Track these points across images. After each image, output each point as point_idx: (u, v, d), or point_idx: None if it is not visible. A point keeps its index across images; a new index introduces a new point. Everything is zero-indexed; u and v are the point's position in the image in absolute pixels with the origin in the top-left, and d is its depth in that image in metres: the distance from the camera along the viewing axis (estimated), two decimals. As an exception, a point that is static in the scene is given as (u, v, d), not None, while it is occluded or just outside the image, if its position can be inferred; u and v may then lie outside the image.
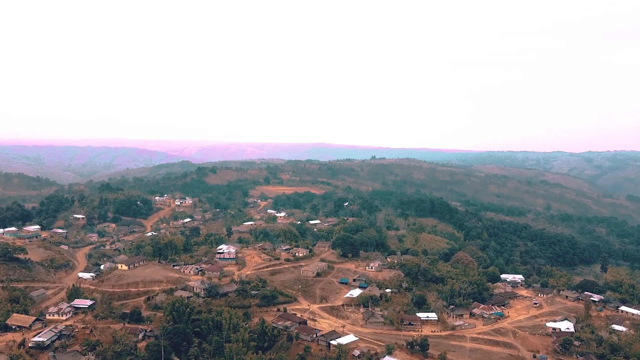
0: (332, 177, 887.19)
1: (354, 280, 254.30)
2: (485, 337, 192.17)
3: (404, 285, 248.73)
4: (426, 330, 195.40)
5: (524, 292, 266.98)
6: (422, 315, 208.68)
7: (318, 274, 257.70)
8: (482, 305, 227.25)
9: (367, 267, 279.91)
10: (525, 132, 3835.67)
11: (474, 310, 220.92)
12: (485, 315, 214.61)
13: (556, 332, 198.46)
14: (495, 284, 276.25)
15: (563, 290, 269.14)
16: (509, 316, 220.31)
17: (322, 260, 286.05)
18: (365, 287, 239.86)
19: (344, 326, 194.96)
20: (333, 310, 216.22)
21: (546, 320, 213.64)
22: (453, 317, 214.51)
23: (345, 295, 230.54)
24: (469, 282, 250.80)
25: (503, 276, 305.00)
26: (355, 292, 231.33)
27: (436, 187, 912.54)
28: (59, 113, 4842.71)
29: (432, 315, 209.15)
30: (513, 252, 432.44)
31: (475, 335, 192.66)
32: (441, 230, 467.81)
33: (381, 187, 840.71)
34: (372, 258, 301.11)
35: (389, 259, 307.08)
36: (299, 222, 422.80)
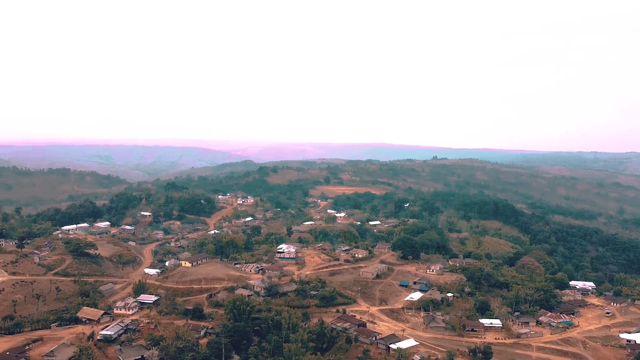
0: (393, 178, 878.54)
1: (415, 283, 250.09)
2: (553, 346, 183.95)
3: (467, 289, 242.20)
4: (489, 338, 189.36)
5: (594, 301, 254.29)
6: (485, 321, 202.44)
7: (378, 276, 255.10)
8: (550, 313, 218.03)
9: (428, 270, 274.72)
10: (595, 132, 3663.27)
11: (540, 318, 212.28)
12: (552, 324, 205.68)
13: (631, 344, 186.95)
14: (563, 291, 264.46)
15: (638, 299, 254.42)
16: (578, 325, 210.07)
17: (382, 261, 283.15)
18: (425, 291, 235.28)
19: (404, 330, 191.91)
20: (393, 313, 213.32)
21: (619, 331, 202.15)
22: (518, 324, 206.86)
23: (406, 298, 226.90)
24: (536, 288, 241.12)
25: (572, 283, 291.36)
26: (416, 296, 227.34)
27: (500, 189, 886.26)
28: (130, 115, 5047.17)
29: (496, 322, 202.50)
30: (583, 258, 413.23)
31: (541, 345, 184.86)
32: (505, 234, 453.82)
33: (443, 188, 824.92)
34: (433, 261, 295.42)
35: (450, 262, 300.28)
36: (358, 223, 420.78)
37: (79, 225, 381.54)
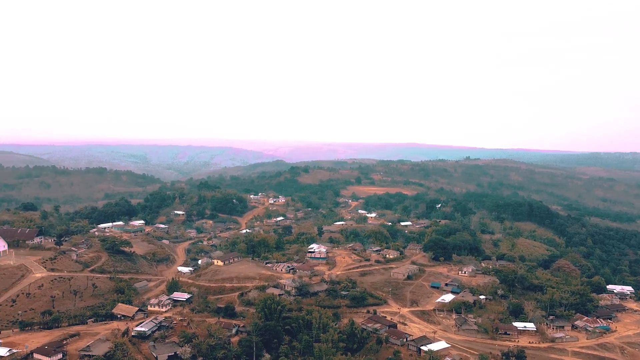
0: (425, 178, 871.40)
1: (446, 284, 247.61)
2: (589, 352, 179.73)
3: (499, 292, 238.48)
4: (523, 341, 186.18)
5: (633, 305, 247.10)
6: (519, 324, 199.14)
7: (409, 277, 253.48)
8: (586, 318, 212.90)
9: (460, 272, 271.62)
10: (636, 131, 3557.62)
11: (576, 323, 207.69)
12: (589, 329, 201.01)
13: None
14: (600, 295, 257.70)
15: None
16: (616, 330, 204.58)
17: (413, 263, 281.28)
18: (457, 293, 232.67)
19: (435, 332, 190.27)
20: (424, 314, 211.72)
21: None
22: (553, 328, 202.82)
23: (437, 300, 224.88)
24: (571, 291, 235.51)
25: (610, 287, 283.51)
26: (447, 297, 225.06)
27: (535, 190, 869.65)
28: (165, 115, 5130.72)
29: (530, 326, 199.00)
30: (621, 262, 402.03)
31: (577, 350, 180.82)
32: (540, 236, 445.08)
33: (475, 189, 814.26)
34: (466, 262, 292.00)
35: (483, 264, 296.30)
36: (389, 223, 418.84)
37: (114, 223, 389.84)
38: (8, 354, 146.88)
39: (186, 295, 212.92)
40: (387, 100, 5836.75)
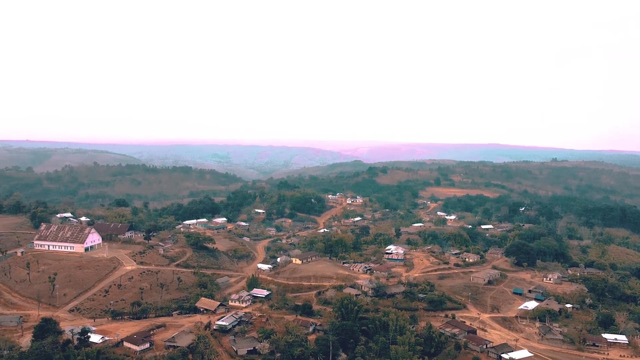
0: (507, 180, 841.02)
1: (530, 291, 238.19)
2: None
3: (588, 301, 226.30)
4: (613, 354, 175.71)
5: None
6: (608, 336, 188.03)
7: (489, 282, 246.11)
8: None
9: (544, 279, 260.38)
10: None
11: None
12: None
13: None
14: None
15: None
16: None
17: (494, 267, 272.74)
18: (541, 300, 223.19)
19: (517, 340, 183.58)
20: (505, 321, 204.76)
21: None
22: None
23: (519, 307, 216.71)
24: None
25: None
26: (531, 305, 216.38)
27: (629, 194, 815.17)
28: (247, 117, 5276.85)
29: (621, 338, 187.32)
30: None
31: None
32: (634, 243, 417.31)
33: (562, 192, 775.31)
34: (551, 269, 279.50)
35: (569, 271, 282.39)
36: (469, 226, 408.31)
37: (198, 220, 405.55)
38: (101, 341, 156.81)
39: (265, 292, 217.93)
40: (467, 99, 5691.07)
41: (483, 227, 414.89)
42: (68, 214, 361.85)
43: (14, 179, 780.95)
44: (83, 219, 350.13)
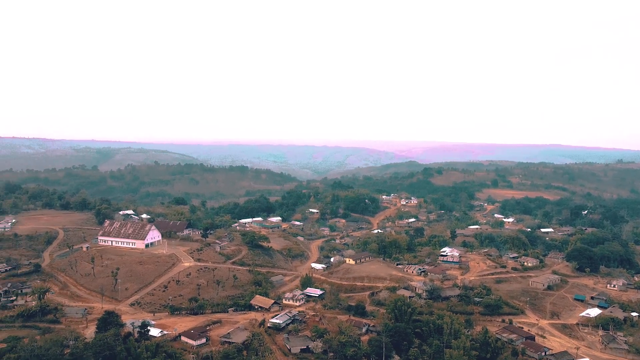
0: (569, 182, 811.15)
1: (592, 298, 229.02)
2: None
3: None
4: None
5: None
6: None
7: (549, 287, 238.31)
8: None
9: (608, 285, 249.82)
10: None
11: None
12: None
13: None
14: None
15: None
16: None
17: (554, 272, 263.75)
18: (605, 307, 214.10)
19: (578, 348, 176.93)
20: (565, 328, 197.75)
21: None
22: None
23: (581, 314, 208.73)
24: None
25: None
26: (593, 312, 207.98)
27: None
28: (303, 117, 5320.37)
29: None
30: None
31: None
32: None
33: (629, 195, 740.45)
34: (615, 275, 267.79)
35: (636, 278, 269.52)
36: (528, 229, 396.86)
37: (254, 219, 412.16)
38: (160, 334, 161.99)
39: (319, 292, 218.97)
40: (528, 98, 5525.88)
41: (543, 230, 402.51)
42: (130, 211, 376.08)
43: (81, 177, 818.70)
44: (144, 216, 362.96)
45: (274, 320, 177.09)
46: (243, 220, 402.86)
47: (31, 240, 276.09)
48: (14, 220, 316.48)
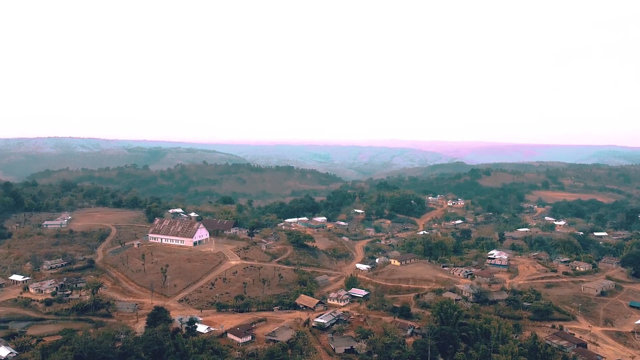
0: (625, 184, 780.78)
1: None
2: None
3: None
4: None
5: None
6: None
7: (602, 293, 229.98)
8: None
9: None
10: None
11: None
12: None
13: None
14: None
15: None
16: None
17: (608, 278, 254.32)
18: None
19: (633, 357, 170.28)
20: (620, 336, 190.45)
21: None
22: None
23: (637, 322, 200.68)
24: None
25: None
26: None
27: None
28: (348, 117, 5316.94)
29: None
30: None
31: None
32: None
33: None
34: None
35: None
36: (581, 233, 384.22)
37: (299, 218, 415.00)
38: (207, 331, 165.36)
39: (363, 292, 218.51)
40: (580, 96, 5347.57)
41: (596, 234, 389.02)
42: (179, 210, 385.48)
43: (132, 176, 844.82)
44: (192, 214, 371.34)
45: (318, 319, 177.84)
46: (289, 220, 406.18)
47: (85, 236, 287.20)
48: (69, 217, 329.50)
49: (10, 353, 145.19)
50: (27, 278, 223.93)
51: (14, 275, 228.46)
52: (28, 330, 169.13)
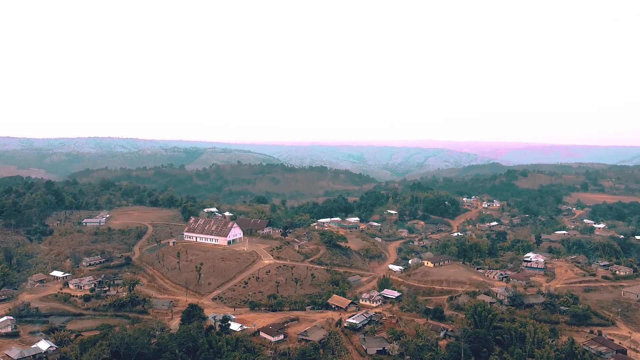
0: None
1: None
2: None
3: None
4: None
5: None
6: None
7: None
8: None
9: None
10: None
11: None
12: None
13: None
14: None
15: None
16: None
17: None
18: None
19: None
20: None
21: None
22: None
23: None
24: None
25: None
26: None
27: None
28: (383, 117, 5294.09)
29: None
30: None
31: None
32: None
33: None
34: None
35: None
36: (621, 236, 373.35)
37: (332, 219, 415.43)
38: (240, 329, 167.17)
39: (396, 293, 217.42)
40: (623, 94, 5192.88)
41: (638, 237, 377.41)
42: (214, 209, 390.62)
43: (169, 176, 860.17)
44: (227, 214, 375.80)
45: (350, 320, 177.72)
46: (321, 220, 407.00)
47: (123, 234, 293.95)
48: (108, 215, 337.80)
49: (50, 347, 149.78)
50: (67, 274, 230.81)
51: (55, 271, 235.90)
52: (67, 325, 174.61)
